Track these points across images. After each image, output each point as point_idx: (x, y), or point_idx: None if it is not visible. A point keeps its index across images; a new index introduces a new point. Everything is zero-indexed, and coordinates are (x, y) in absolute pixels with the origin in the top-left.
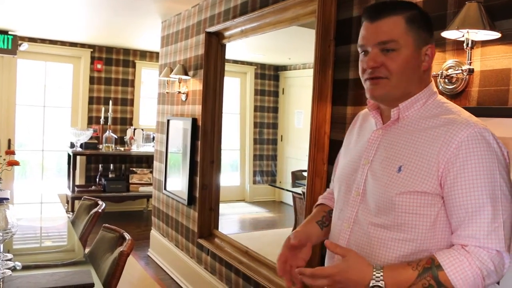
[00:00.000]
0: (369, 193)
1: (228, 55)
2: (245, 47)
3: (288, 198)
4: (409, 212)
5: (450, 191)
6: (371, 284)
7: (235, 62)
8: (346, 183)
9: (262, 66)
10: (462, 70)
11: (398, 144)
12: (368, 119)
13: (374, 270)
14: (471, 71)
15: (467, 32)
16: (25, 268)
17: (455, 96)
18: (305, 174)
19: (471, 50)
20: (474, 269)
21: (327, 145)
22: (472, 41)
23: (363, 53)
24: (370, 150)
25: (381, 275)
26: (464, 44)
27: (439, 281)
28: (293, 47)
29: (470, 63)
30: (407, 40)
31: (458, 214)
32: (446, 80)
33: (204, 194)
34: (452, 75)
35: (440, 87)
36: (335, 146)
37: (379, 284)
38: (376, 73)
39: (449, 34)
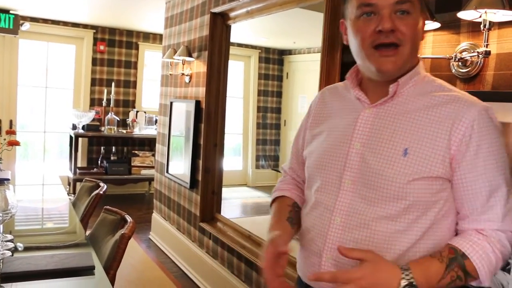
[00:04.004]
0: (369, 181)
1: (232, 38)
2: (250, 30)
3: None
4: (421, 199)
5: (465, 175)
6: (402, 284)
7: (239, 45)
8: (332, 171)
9: (267, 50)
10: (477, 52)
11: (397, 124)
12: (342, 96)
13: (402, 268)
14: (487, 54)
15: (485, 12)
16: (26, 249)
17: (469, 80)
18: None
19: (488, 31)
20: (496, 253)
21: None
22: (490, 22)
23: (365, 15)
24: (362, 132)
25: (411, 273)
26: (481, 25)
27: (466, 271)
28: (298, 30)
29: (487, 45)
30: (417, 3)
31: (474, 198)
32: (460, 63)
33: (207, 177)
34: (466, 58)
35: (454, 70)
36: None
37: (412, 282)
38: (391, 38)
39: (465, 15)
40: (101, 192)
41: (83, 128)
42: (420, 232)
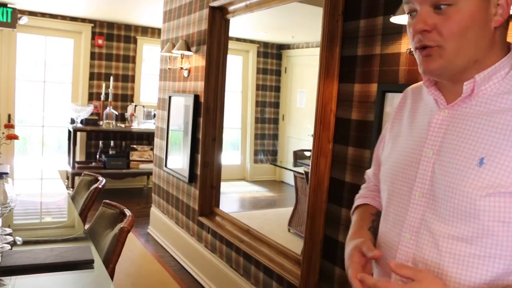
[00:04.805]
0: (440, 194)
1: (231, 33)
2: (248, 24)
3: (288, 178)
4: (499, 220)
5: None
6: None
7: (238, 40)
8: (403, 181)
9: (265, 44)
10: None
11: (474, 128)
12: (422, 97)
13: None
14: None
15: None
16: (25, 243)
17: None
18: (306, 153)
19: None
20: None
21: (333, 123)
22: None
23: (410, 14)
24: (435, 137)
25: None
26: None
27: None
28: (296, 25)
29: None
30: None
31: None
32: None
33: (206, 171)
34: None
35: None
36: (341, 124)
37: None
38: (425, 40)
39: None
40: (100, 186)
41: (81, 122)
42: (505, 260)
